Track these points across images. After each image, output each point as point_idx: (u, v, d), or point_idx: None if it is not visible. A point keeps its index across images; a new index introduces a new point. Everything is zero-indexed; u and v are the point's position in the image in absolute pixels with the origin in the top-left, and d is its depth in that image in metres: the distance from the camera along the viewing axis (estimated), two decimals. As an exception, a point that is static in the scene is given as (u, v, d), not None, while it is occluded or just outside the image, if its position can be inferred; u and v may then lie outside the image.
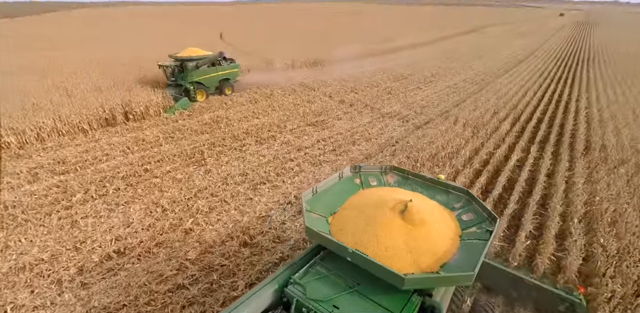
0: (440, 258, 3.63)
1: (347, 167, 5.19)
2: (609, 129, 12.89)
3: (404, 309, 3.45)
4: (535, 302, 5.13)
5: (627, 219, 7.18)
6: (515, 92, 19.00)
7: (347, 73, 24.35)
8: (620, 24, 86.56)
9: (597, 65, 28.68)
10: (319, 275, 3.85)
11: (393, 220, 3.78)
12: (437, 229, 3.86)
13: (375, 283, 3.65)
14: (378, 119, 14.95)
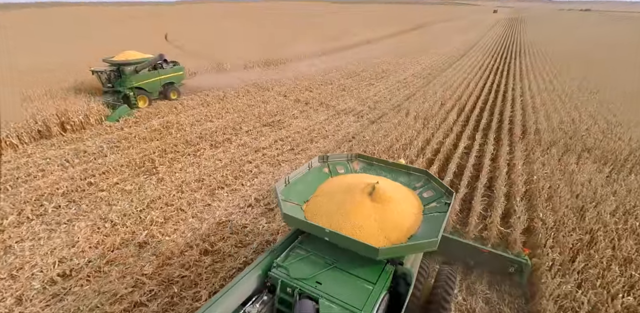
0: (407, 232, 4.01)
1: (315, 158, 5.39)
2: (541, 114, 14.18)
3: (379, 278, 3.81)
4: (489, 267, 5.97)
5: (561, 194, 7.95)
6: (459, 84, 20.23)
7: (301, 72, 24.37)
8: (545, 19, 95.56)
9: (527, 58, 31.41)
10: (300, 257, 4.09)
11: (363, 201, 4.11)
12: (402, 207, 4.24)
13: (351, 258, 3.99)
14: (334, 116, 15.14)
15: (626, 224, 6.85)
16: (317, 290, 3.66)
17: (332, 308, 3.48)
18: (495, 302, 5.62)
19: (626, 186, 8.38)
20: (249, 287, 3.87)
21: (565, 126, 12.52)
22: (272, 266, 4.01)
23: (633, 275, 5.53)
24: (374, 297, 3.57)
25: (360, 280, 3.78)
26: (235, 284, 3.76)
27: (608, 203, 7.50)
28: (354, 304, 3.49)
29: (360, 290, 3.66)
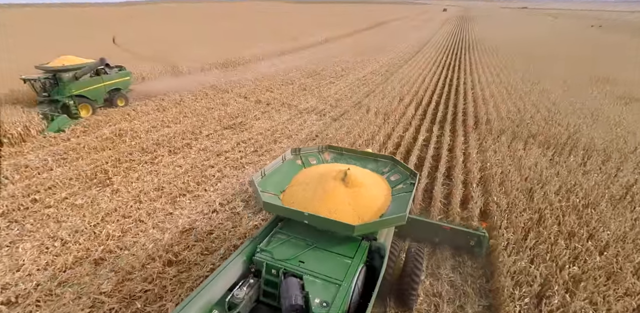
0: (378, 211, 4.40)
1: (288, 151, 5.70)
2: (490, 105, 15.11)
3: (356, 253, 4.14)
4: (452, 243, 6.53)
5: (511, 178, 8.51)
6: (415, 79, 21.01)
7: (261, 72, 24.04)
8: (489, 17, 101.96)
9: (476, 53, 33.32)
10: (281, 241, 4.33)
11: (336, 187, 4.44)
12: (372, 190, 4.64)
13: (329, 238, 4.32)
14: (296, 116, 15.10)
15: (568, 201, 7.48)
16: (300, 268, 3.91)
17: (316, 282, 3.73)
18: (459, 284, 5.91)
19: (567, 167, 9.17)
20: (235, 273, 4.02)
21: (512, 115, 13.44)
22: (256, 251, 4.18)
23: (577, 247, 6.06)
24: (352, 270, 3.88)
25: (339, 256, 4.09)
26: (221, 271, 3.87)
27: (552, 184, 8.16)
28: (335, 277, 3.78)
29: (340, 264, 3.96)
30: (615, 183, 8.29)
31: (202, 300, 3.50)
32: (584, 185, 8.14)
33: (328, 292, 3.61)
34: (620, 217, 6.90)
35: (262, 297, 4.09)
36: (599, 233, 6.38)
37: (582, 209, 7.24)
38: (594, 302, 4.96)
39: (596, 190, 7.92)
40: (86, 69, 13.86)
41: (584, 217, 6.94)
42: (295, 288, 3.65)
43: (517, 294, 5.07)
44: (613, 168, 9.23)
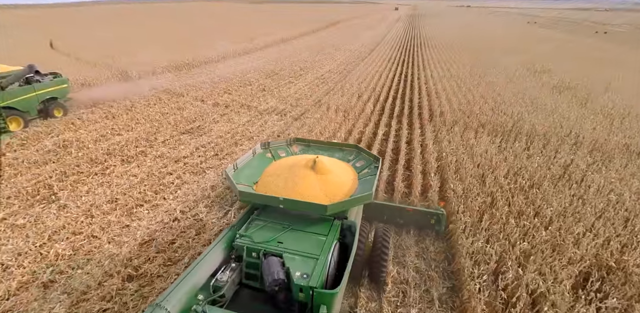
0: (347, 194, 4.78)
1: (258, 145, 5.97)
2: (443, 98, 15.88)
3: (330, 231, 4.46)
4: (415, 223, 7.07)
5: (465, 166, 9.01)
6: (372, 76, 21.55)
7: (218, 74, 23.39)
8: (437, 14, 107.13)
9: (427, 49, 34.87)
10: (259, 226, 4.53)
11: (307, 174, 4.75)
12: (340, 175, 5.04)
13: (304, 220, 4.61)
14: (257, 117, 14.88)
15: (516, 184, 8.08)
16: (279, 248, 4.14)
17: (295, 259, 3.97)
18: (424, 270, 6.16)
19: (513, 152, 9.88)
20: (216, 259, 4.12)
21: (463, 107, 14.24)
22: (236, 238, 4.34)
23: (525, 224, 6.55)
24: (327, 246, 4.18)
25: (314, 235, 4.38)
26: (203, 259, 3.96)
27: (501, 168, 8.76)
28: (312, 252, 4.06)
29: (316, 242, 4.25)
30: (555, 164, 9.08)
31: (186, 287, 3.55)
32: (529, 167, 8.83)
33: (307, 266, 3.87)
34: (560, 194, 7.56)
35: (244, 279, 4.22)
36: (544, 210, 6.96)
37: (528, 190, 7.85)
38: (543, 272, 5.39)
39: (539, 171, 8.62)
40: (12, 77, 12.43)
41: (530, 197, 7.53)
42: (276, 265, 3.87)
43: (476, 273, 5.38)
44: (552, 150, 10.11)
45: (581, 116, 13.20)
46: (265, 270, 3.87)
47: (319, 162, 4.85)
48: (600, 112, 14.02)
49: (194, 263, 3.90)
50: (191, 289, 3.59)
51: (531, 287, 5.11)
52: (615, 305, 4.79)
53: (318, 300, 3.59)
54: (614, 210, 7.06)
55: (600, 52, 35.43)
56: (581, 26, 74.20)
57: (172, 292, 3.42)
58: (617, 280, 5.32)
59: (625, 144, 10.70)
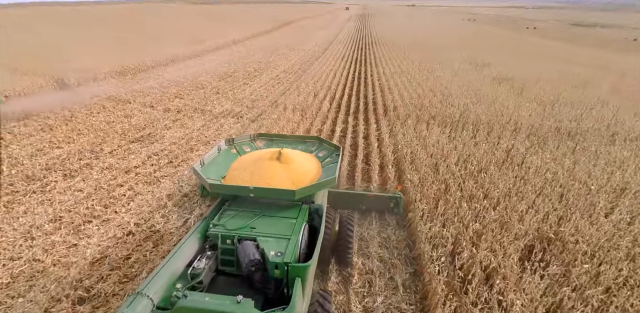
0: (312, 180, 5.07)
1: (222, 141, 6.12)
2: (395, 93, 16.48)
3: (299, 214, 4.71)
4: (376, 207, 7.53)
5: (420, 156, 9.43)
6: (327, 75, 21.79)
7: (167, 78, 22.34)
8: (386, 14, 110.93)
9: (378, 47, 35.99)
10: (231, 215, 4.67)
11: (272, 165, 4.99)
12: (304, 165, 5.32)
13: (274, 207, 4.82)
14: (212, 121, 14.43)
15: (466, 170, 8.61)
16: (253, 233, 4.31)
17: (269, 241, 4.17)
18: (387, 258, 6.36)
19: (461, 141, 10.53)
20: (191, 249, 4.19)
21: (414, 101, 14.88)
22: (209, 227, 4.45)
23: (476, 207, 7.01)
24: (298, 227, 4.43)
25: (285, 219, 4.61)
26: (179, 249, 4.04)
27: (452, 157, 9.29)
28: (284, 233, 4.29)
29: (287, 224, 4.49)
30: (499, 150, 9.81)
31: (165, 276, 3.61)
32: (476, 154, 9.45)
33: (280, 246, 4.10)
34: (505, 177, 8.19)
35: (220, 266, 4.33)
36: (491, 193, 7.49)
37: (477, 174, 8.40)
38: (494, 249, 5.81)
39: (485, 157, 9.27)
40: None
41: (479, 181, 8.06)
42: (251, 247, 4.05)
43: (435, 256, 5.66)
44: (495, 137, 10.91)
45: (518, 104, 14.38)
46: (241, 253, 4.04)
47: (284, 153, 5.11)
48: (534, 100, 15.38)
49: (169, 254, 3.96)
50: (169, 278, 3.67)
51: (484, 263, 5.48)
52: (556, 271, 5.28)
53: (293, 274, 3.85)
54: (550, 187, 7.78)
55: (532, 45, 38.86)
56: (514, 22, 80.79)
57: (151, 280, 3.47)
58: (556, 249, 5.87)
59: (556, 127, 11.84)
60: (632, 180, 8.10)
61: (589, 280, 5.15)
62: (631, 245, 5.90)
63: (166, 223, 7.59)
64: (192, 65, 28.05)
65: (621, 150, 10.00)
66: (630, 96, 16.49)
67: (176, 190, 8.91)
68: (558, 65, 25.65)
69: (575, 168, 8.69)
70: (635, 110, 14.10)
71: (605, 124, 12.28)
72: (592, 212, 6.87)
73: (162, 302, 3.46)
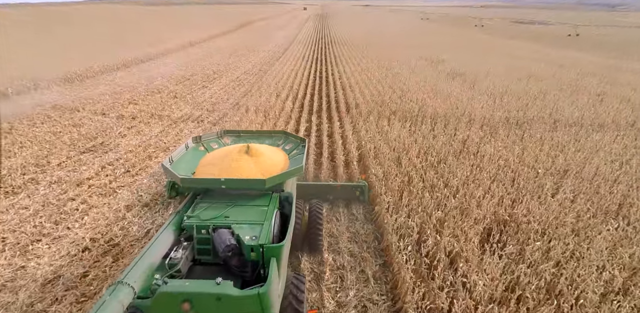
0: (281, 171, 5.20)
1: (189, 139, 6.20)
2: (357, 91, 16.78)
3: (270, 202, 4.88)
4: (343, 196, 7.93)
5: (383, 151, 9.67)
6: (288, 75, 21.72)
7: (119, 84, 21.17)
8: (343, 14, 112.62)
9: (338, 46, 36.45)
10: (204, 207, 4.74)
11: (241, 158, 5.15)
12: (272, 157, 5.51)
13: (245, 197, 4.95)
14: (170, 126, 13.86)
15: (427, 161, 8.97)
16: (227, 221, 4.43)
17: (243, 227, 4.31)
18: (357, 252, 6.47)
19: (421, 134, 10.94)
20: (167, 242, 4.21)
21: (375, 97, 15.24)
22: (184, 219, 4.49)
23: (438, 196, 7.32)
24: (270, 213, 4.62)
25: (256, 207, 4.77)
26: (154, 242, 4.06)
27: (413, 149, 9.63)
28: (257, 220, 4.47)
29: (259, 211, 4.66)
30: (455, 141, 10.33)
31: (142, 269, 3.59)
32: (435, 146, 9.87)
33: (254, 231, 4.26)
34: (462, 166, 8.63)
35: (197, 255, 4.39)
36: (451, 181, 7.86)
37: (437, 165, 8.78)
38: (456, 235, 6.10)
39: (444, 148, 9.71)
40: None
41: (439, 171, 8.43)
42: (227, 234, 4.15)
43: (402, 245, 5.84)
44: (452, 129, 11.46)
45: (471, 97, 15.22)
46: (217, 240, 4.12)
47: (252, 147, 5.32)
48: (485, 93, 16.35)
49: (145, 247, 3.98)
50: (148, 269, 3.67)
51: (448, 249, 5.74)
52: (512, 251, 5.65)
53: (268, 254, 4.02)
54: (503, 173, 8.31)
55: (480, 41, 41.30)
56: (463, 20, 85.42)
57: (131, 270, 3.50)
58: (511, 230, 6.28)
59: (505, 117, 12.67)
60: (572, 162, 8.87)
61: (542, 256, 5.57)
62: (575, 221, 6.46)
63: (126, 235, 7.18)
64: (147, 69, 26.80)
65: (562, 135, 10.91)
66: (567, 86, 18.04)
67: (135, 200, 8.45)
68: (504, 59, 27.47)
69: (524, 154, 9.35)
70: (572, 99, 15.44)
71: (547, 112, 13.34)
72: (540, 194, 7.43)
73: (141, 292, 3.46)
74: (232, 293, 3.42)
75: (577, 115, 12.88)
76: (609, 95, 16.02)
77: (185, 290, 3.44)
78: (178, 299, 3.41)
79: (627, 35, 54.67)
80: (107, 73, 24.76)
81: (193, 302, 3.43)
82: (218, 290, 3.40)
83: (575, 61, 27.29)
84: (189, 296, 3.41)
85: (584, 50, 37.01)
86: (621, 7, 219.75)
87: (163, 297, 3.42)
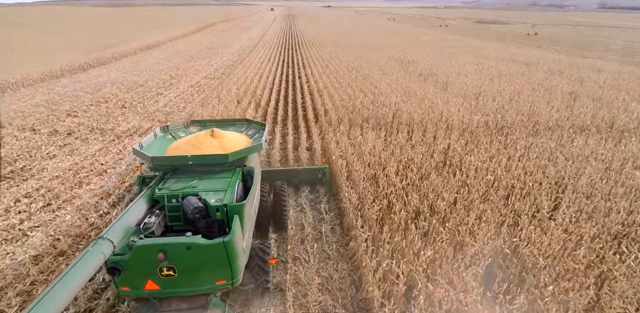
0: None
1: (157, 129, 6.42)
2: (325, 96, 15.46)
3: (233, 174, 5.22)
4: (307, 179, 8.50)
5: (356, 168, 8.32)
6: (251, 79, 20.08)
7: (59, 93, 18.71)
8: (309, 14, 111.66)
9: (305, 48, 35.11)
10: (174, 181, 5.01)
11: (207, 140, 5.48)
12: (235, 139, 5.91)
13: (211, 171, 5.26)
14: (113, 142, 11.93)
15: (407, 179, 7.77)
16: (195, 190, 4.72)
17: (209, 194, 4.62)
18: (330, 307, 5.12)
19: (398, 144, 9.79)
20: (140, 211, 4.43)
21: (345, 102, 14.01)
22: (155, 191, 4.72)
23: (424, 226, 6.13)
24: (233, 183, 4.96)
25: (221, 178, 5.09)
26: (128, 210, 4.23)
27: (391, 165, 8.43)
28: (222, 187, 4.80)
29: (224, 181, 5.00)
30: (436, 151, 9.24)
31: (118, 230, 3.78)
32: (415, 159, 8.73)
33: (219, 195, 4.60)
34: (448, 184, 7.51)
35: (169, 222, 4.64)
36: (438, 205, 6.68)
37: (420, 183, 7.61)
38: (452, 280, 4.91)
39: (425, 162, 8.58)
40: None
41: (422, 191, 7.26)
42: (195, 200, 4.45)
43: (387, 303, 4.55)
44: (430, 137, 10.41)
45: (446, 100, 14.35)
46: (186, 204, 4.41)
47: (216, 131, 5.68)
48: (459, 94, 15.59)
49: (119, 215, 4.09)
50: (125, 230, 3.87)
51: (444, 306, 4.51)
52: (523, 304, 4.51)
53: (232, 213, 4.36)
54: (494, 190, 7.28)
55: (446, 41, 41.44)
56: (428, 21, 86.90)
57: (110, 229, 3.69)
58: (515, 270, 5.18)
59: (484, 121, 11.83)
60: (565, 174, 8.02)
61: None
62: (590, 254, 5.44)
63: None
64: (96, 75, 24.26)
65: (546, 140, 10.15)
66: (539, 86, 17.73)
67: (49, 247, 6.63)
68: (471, 58, 27.26)
69: (512, 165, 8.41)
70: (546, 99, 14.99)
71: (525, 114, 12.66)
72: (539, 216, 6.43)
73: (120, 250, 3.77)
74: (200, 242, 3.89)
75: (555, 117, 12.28)
76: (580, 94, 15.74)
77: (159, 241, 3.93)
78: (154, 250, 3.82)
79: (579, 33, 57.40)
80: (49, 81, 22.09)
81: (167, 251, 3.84)
82: (188, 240, 3.90)
83: (540, 59, 27.56)
84: (163, 247, 3.84)
85: (544, 48, 37.98)
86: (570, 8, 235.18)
87: (140, 250, 3.81)
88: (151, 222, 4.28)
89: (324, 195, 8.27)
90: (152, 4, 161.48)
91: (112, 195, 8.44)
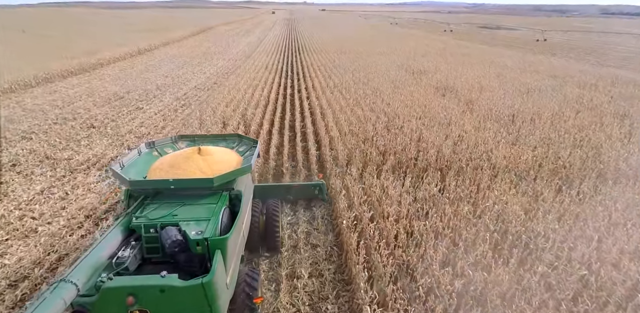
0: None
1: (142, 145, 5.93)
2: (330, 118, 12.76)
3: (219, 200, 4.86)
4: (302, 196, 8.03)
5: (375, 244, 5.84)
6: (244, 92, 17.53)
7: (26, 106, 16.38)
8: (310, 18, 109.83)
9: (306, 54, 32.68)
10: (153, 208, 4.65)
11: (192, 159, 5.11)
12: (225, 157, 5.49)
13: (195, 196, 4.88)
14: (62, 179, 9.46)
15: (454, 270, 5.23)
16: (175, 219, 4.38)
17: (190, 224, 4.29)
18: None
19: (431, 197, 7.23)
20: (115, 242, 4.07)
21: (354, 127, 11.46)
22: (132, 219, 4.37)
23: None
24: (217, 210, 4.60)
25: (205, 205, 4.73)
26: (101, 241, 3.90)
27: (427, 237, 5.86)
28: (204, 216, 4.45)
29: (207, 209, 4.63)
30: (486, 212, 6.67)
31: (87, 267, 3.45)
32: (458, 228, 6.16)
33: (200, 226, 4.24)
34: (515, 283, 4.94)
35: (146, 254, 4.27)
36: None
37: (473, 277, 5.06)
38: None
39: (471, 231, 6.02)
40: None
41: (482, 305, 4.71)
42: (174, 231, 4.11)
43: None
44: (472, 185, 7.81)
45: (477, 125, 11.83)
46: (164, 236, 4.07)
47: (203, 149, 5.23)
48: (490, 116, 13.05)
49: (91, 247, 3.80)
50: (93, 268, 3.54)
51: None
52: None
53: (213, 247, 3.97)
54: (589, 300, 4.71)
55: (457, 47, 39.03)
56: (432, 25, 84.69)
57: (75, 268, 3.38)
58: None
59: (533, 157, 9.27)
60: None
61: None
62: None
63: None
64: (75, 83, 21.91)
65: (627, 194, 7.49)
66: (577, 104, 15.19)
67: None
68: (489, 68, 24.78)
69: (599, 246, 5.82)
70: (598, 124, 12.21)
71: (585, 148, 9.82)
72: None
73: (87, 291, 3.46)
74: (176, 284, 3.49)
75: (624, 154, 9.47)
76: (637, 118, 13.07)
77: (129, 284, 3.54)
78: (123, 293, 3.46)
79: (589, 40, 54.97)
80: (18, 91, 19.72)
81: (137, 295, 3.48)
82: (161, 282, 3.48)
83: (565, 70, 25.08)
84: (133, 290, 3.47)
85: (560, 56, 35.47)
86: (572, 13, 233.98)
87: (108, 293, 3.46)
88: (125, 256, 3.97)
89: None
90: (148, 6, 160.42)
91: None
